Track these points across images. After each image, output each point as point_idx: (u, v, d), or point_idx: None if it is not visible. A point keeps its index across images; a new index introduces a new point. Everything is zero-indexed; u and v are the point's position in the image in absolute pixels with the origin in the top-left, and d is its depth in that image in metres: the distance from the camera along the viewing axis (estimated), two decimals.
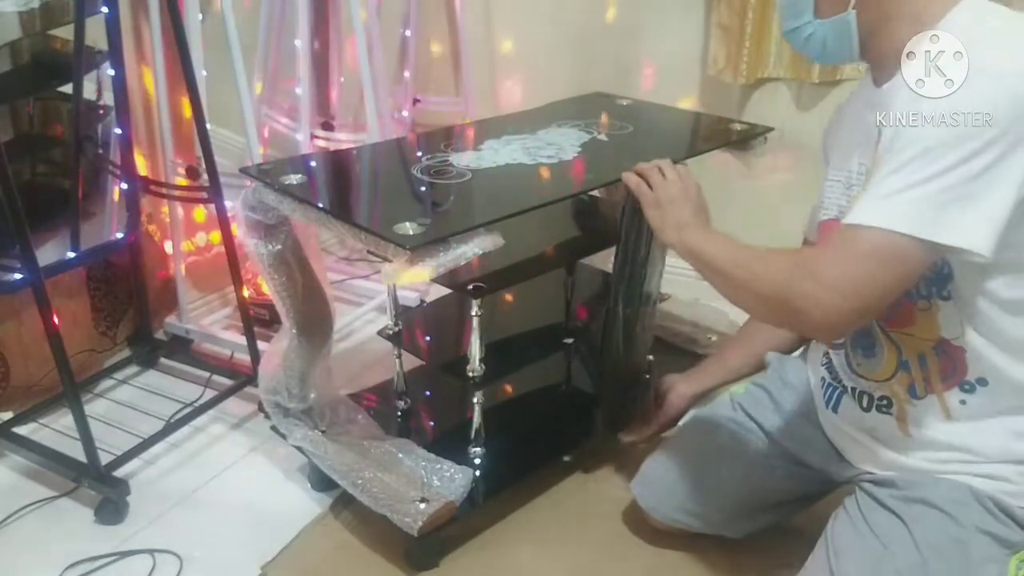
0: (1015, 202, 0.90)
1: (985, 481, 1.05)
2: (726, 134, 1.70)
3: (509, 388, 1.75)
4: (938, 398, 1.07)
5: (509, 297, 1.84)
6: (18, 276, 1.56)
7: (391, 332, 1.61)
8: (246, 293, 1.83)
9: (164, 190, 1.85)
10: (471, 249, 1.19)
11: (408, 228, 1.18)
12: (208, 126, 1.69)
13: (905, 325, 1.07)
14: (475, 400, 1.50)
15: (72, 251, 1.76)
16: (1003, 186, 0.89)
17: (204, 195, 1.75)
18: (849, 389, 1.18)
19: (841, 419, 1.21)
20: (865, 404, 1.15)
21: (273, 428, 1.56)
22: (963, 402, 1.06)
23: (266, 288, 1.56)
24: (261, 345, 1.80)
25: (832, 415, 1.22)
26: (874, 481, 1.15)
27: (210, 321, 2.09)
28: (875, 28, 1.03)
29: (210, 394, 1.83)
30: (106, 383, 1.91)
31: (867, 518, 1.11)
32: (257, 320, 1.96)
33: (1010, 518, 1.04)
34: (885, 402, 1.12)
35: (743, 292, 1.09)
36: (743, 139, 1.67)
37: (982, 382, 1.04)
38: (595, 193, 1.73)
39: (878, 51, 1.04)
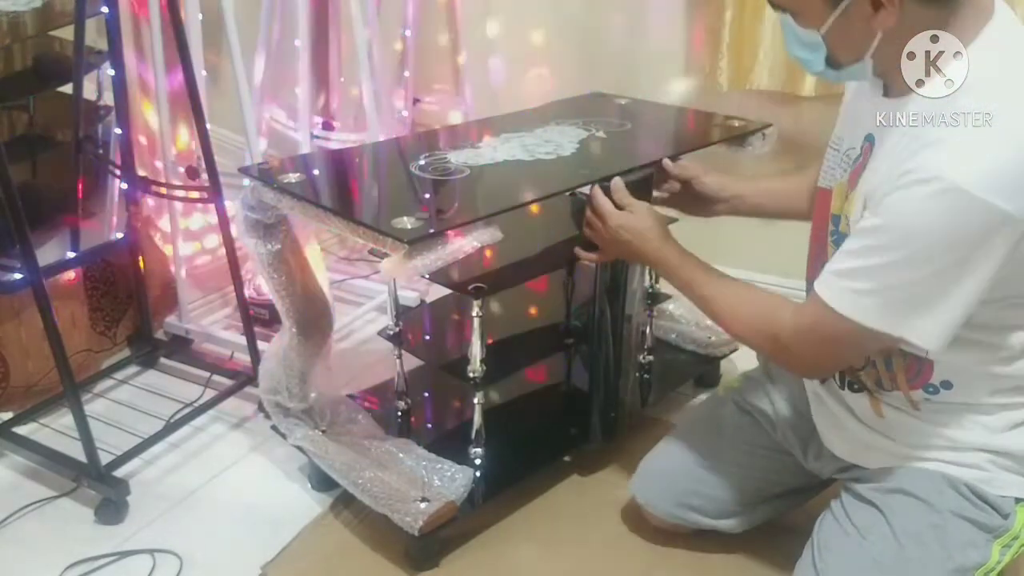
0: (977, 300, 0.94)
1: (960, 469, 1.08)
2: (724, 130, 1.69)
3: (509, 388, 1.75)
4: (904, 395, 1.10)
5: (509, 297, 1.84)
6: (18, 276, 1.56)
7: (391, 332, 1.61)
8: (246, 293, 1.82)
9: (164, 190, 1.85)
10: (469, 242, 1.19)
11: (406, 222, 1.18)
12: (208, 126, 1.69)
13: None
14: (476, 400, 1.50)
15: (72, 251, 1.76)
16: (970, 293, 0.93)
17: (204, 195, 1.75)
18: None
19: (826, 392, 1.23)
20: (839, 382, 1.18)
21: (273, 428, 1.56)
22: (928, 400, 1.09)
23: (266, 288, 1.56)
24: (261, 345, 1.79)
25: (817, 386, 1.25)
26: (856, 478, 1.17)
27: (210, 321, 2.09)
28: (892, 65, 0.98)
29: (210, 394, 1.82)
30: (106, 383, 1.90)
31: (848, 513, 1.14)
32: (257, 320, 1.96)
33: (987, 504, 1.06)
34: (857, 386, 1.16)
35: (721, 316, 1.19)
36: (741, 135, 1.66)
37: (947, 384, 1.07)
38: None
39: (895, 81, 1.01)
